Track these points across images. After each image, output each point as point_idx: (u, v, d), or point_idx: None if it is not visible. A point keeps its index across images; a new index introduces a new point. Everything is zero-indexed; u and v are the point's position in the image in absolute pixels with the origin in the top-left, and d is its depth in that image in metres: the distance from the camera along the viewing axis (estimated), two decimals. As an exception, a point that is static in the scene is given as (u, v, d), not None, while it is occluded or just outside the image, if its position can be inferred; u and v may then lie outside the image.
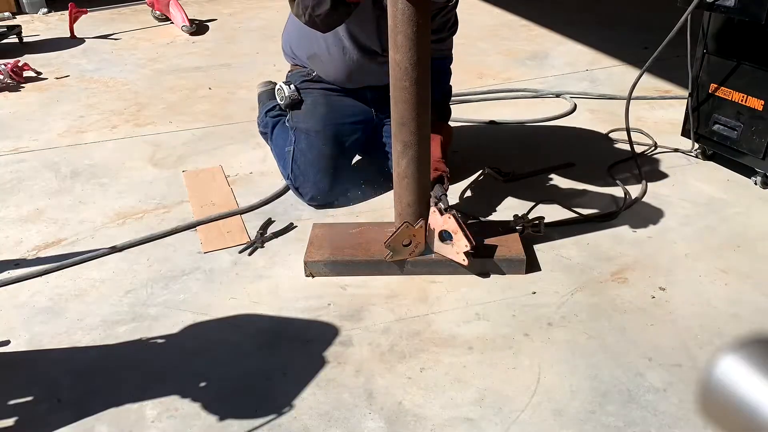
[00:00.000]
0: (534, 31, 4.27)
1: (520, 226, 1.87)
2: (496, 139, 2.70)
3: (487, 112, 2.95)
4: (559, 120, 2.85)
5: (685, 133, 2.44)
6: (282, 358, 1.52)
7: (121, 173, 2.45)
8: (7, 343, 1.59)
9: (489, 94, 3.15)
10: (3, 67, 3.38)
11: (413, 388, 1.42)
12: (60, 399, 1.42)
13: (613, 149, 2.55)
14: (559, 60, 3.67)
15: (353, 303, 1.70)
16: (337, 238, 1.87)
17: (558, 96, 3.09)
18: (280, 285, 1.78)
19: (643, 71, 2.22)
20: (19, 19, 4.72)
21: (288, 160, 2.18)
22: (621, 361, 1.48)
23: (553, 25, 4.29)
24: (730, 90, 2.20)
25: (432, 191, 1.80)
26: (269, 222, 2.08)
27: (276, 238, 2.00)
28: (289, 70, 2.36)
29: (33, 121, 2.98)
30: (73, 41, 4.25)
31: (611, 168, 2.37)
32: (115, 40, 4.33)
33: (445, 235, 1.74)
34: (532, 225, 1.87)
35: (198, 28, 4.45)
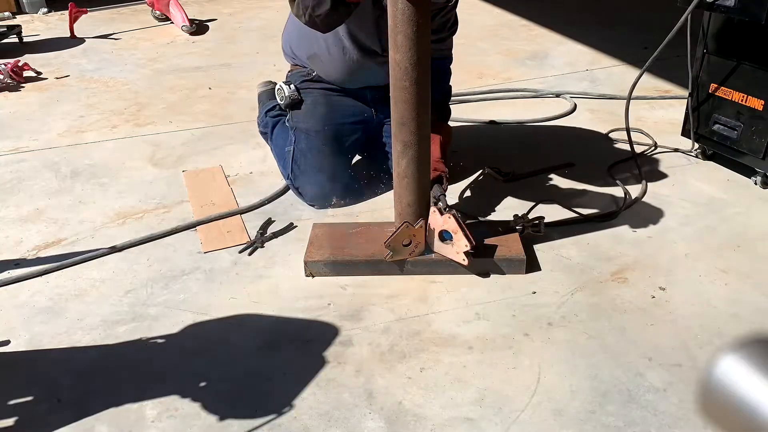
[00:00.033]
0: (534, 31, 4.27)
1: (520, 226, 1.87)
2: (496, 139, 2.70)
3: (487, 112, 2.95)
4: (559, 120, 2.85)
5: (685, 133, 2.44)
6: (282, 358, 1.52)
7: (121, 173, 2.45)
8: (7, 343, 1.59)
9: (489, 94, 3.15)
10: (3, 67, 3.38)
11: (413, 388, 1.42)
12: (60, 399, 1.42)
13: (613, 149, 2.55)
14: (559, 60, 3.67)
15: (353, 303, 1.70)
16: (337, 238, 1.87)
17: (558, 96, 3.09)
18: (280, 285, 1.78)
19: (643, 71, 2.22)
20: (19, 19, 4.72)
21: (288, 160, 2.18)
22: (621, 361, 1.48)
23: (553, 25, 4.29)
24: (730, 90, 2.20)
25: (431, 191, 1.80)
26: (269, 222, 2.08)
27: (276, 238, 2.00)
28: (289, 70, 2.36)
29: (33, 121, 2.98)
30: (73, 41, 4.25)
31: (611, 168, 2.37)
32: (115, 40, 4.33)
33: (445, 235, 1.74)
34: (532, 225, 1.87)
35: (198, 28, 4.45)
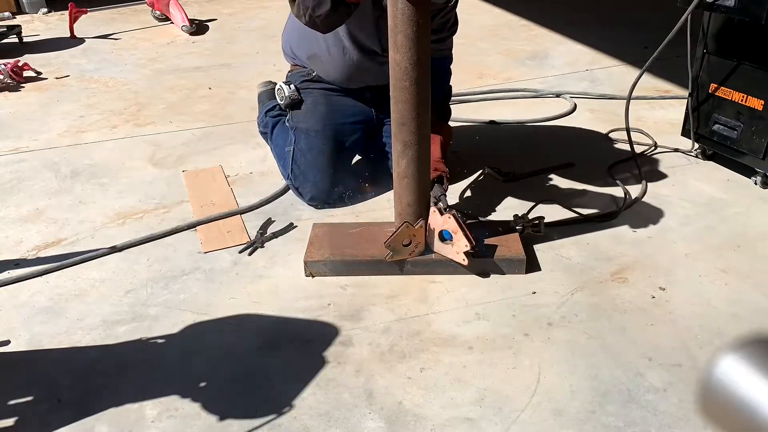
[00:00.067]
0: (534, 31, 4.27)
1: (520, 226, 1.87)
2: (496, 139, 2.70)
3: (487, 112, 2.95)
4: (559, 120, 2.85)
5: (685, 133, 2.44)
6: (282, 358, 1.52)
7: (121, 173, 2.45)
8: (7, 343, 1.59)
9: (489, 94, 3.15)
10: (3, 67, 3.38)
11: (413, 388, 1.42)
12: (60, 399, 1.42)
13: (613, 149, 2.55)
14: (559, 60, 3.67)
15: (353, 303, 1.70)
16: (337, 238, 1.87)
17: (558, 96, 3.09)
18: (280, 285, 1.78)
19: (643, 71, 2.22)
20: (19, 19, 4.72)
21: (288, 160, 2.18)
22: (621, 361, 1.48)
23: (553, 25, 4.29)
24: (730, 90, 2.20)
25: (431, 191, 1.80)
26: (269, 222, 2.08)
27: (276, 238, 2.00)
28: (289, 70, 2.36)
29: (33, 121, 2.98)
30: (73, 41, 4.25)
31: (611, 168, 2.37)
32: (115, 40, 4.33)
33: (445, 235, 1.74)
34: (532, 225, 1.87)
35: (198, 28, 4.45)
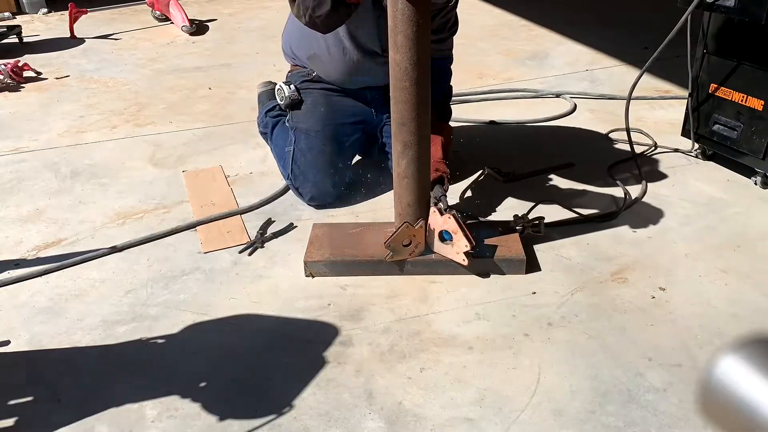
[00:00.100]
0: (534, 31, 4.27)
1: (520, 226, 1.87)
2: (496, 139, 2.69)
3: (487, 112, 2.95)
4: (559, 120, 2.85)
5: (685, 133, 2.44)
6: (282, 358, 1.52)
7: (121, 173, 2.45)
8: (7, 343, 1.59)
9: (489, 94, 3.15)
10: (3, 67, 3.38)
11: (413, 388, 1.42)
12: (60, 399, 1.42)
13: (613, 149, 2.55)
14: (559, 60, 3.67)
15: (353, 303, 1.70)
16: (337, 238, 1.87)
17: (558, 96, 3.09)
18: (280, 285, 1.78)
19: (643, 71, 2.22)
20: (19, 19, 4.72)
21: (288, 160, 2.18)
22: (621, 361, 1.48)
23: (553, 25, 4.29)
24: (730, 90, 2.20)
25: (432, 192, 1.80)
26: (269, 222, 2.08)
27: (276, 238, 2.00)
28: (289, 70, 2.36)
29: (33, 121, 2.98)
30: (73, 41, 4.25)
31: (611, 168, 2.37)
32: (115, 40, 4.33)
33: (445, 235, 1.74)
34: (532, 225, 1.87)
35: (198, 28, 4.45)
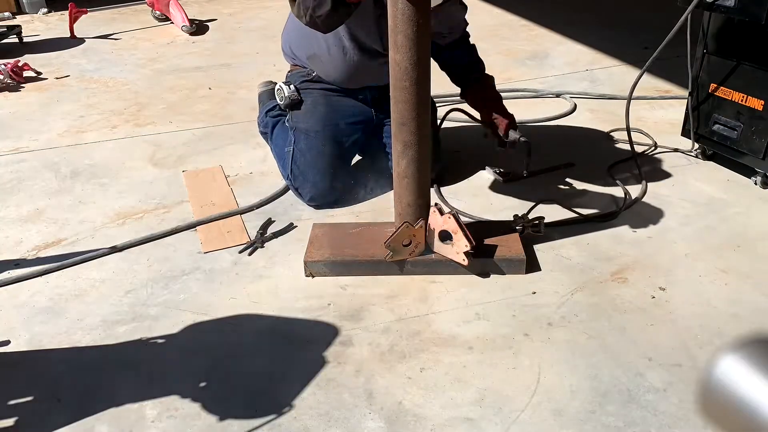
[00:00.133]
0: (534, 31, 4.27)
1: (520, 226, 1.87)
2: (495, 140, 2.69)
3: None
4: (559, 120, 2.85)
5: (685, 133, 2.44)
6: (282, 358, 1.52)
7: (121, 173, 2.45)
8: (7, 343, 1.59)
9: (489, 94, 3.15)
10: (3, 67, 3.38)
11: (413, 388, 1.42)
12: (60, 399, 1.42)
13: (613, 149, 2.55)
14: (559, 60, 3.67)
15: (353, 303, 1.70)
16: (337, 238, 1.87)
17: (558, 96, 3.09)
18: (280, 285, 1.78)
19: (643, 71, 2.22)
20: (19, 19, 4.72)
21: (288, 161, 2.18)
22: (621, 361, 1.48)
23: (553, 25, 4.29)
24: (730, 90, 2.20)
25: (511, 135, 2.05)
26: (269, 222, 2.08)
27: (276, 238, 2.00)
28: (289, 70, 2.36)
29: (33, 121, 2.98)
30: (73, 41, 4.25)
31: (611, 168, 2.37)
32: (115, 40, 4.33)
33: (445, 235, 1.74)
34: (532, 225, 1.87)
35: (198, 28, 4.45)
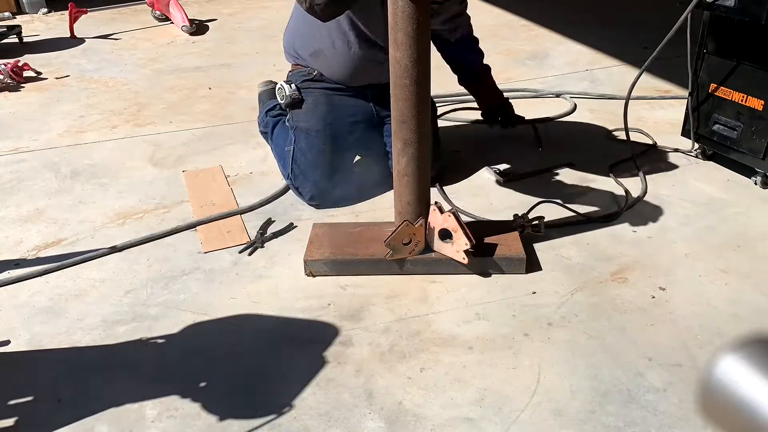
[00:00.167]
0: (534, 31, 4.27)
1: (520, 226, 1.87)
2: (496, 139, 2.69)
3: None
4: (559, 120, 2.85)
5: (685, 133, 2.44)
6: (282, 358, 1.52)
7: (121, 173, 2.45)
8: (7, 343, 1.59)
9: (489, 94, 3.14)
10: (3, 67, 3.38)
11: (413, 388, 1.42)
12: (60, 399, 1.42)
13: (613, 149, 2.55)
14: (559, 60, 3.67)
15: (353, 303, 1.70)
16: (337, 238, 1.87)
17: (558, 96, 3.09)
18: (280, 285, 1.78)
19: (642, 71, 2.22)
20: (19, 19, 4.72)
21: (288, 160, 2.18)
22: (621, 361, 1.48)
23: (553, 25, 4.29)
24: (730, 90, 2.20)
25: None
26: (269, 222, 2.08)
27: (276, 238, 2.00)
28: (290, 69, 2.36)
29: (33, 121, 2.98)
30: (73, 41, 4.24)
31: (611, 168, 2.37)
32: (115, 40, 4.33)
33: (445, 234, 1.74)
34: (532, 225, 1.87)
35: (198, 28, 4.45)
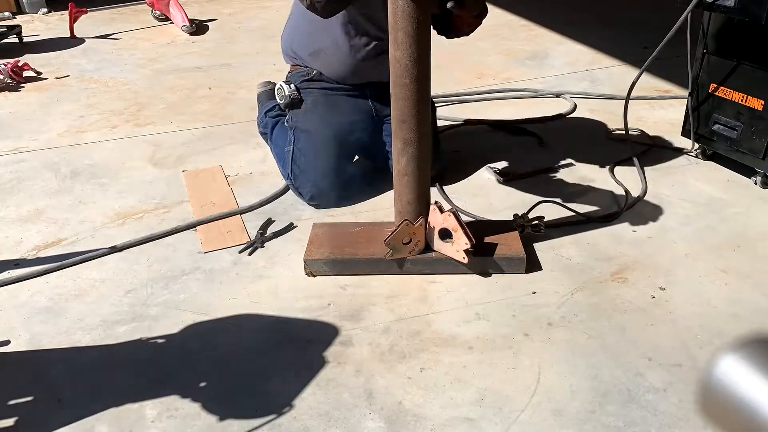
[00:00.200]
0: (534, 31, 4.27)
1: (520, 226, 1.87)
2: (496, 139, 2.69)
3: (487, 112, 2.95)
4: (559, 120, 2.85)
5: (685, 133, 2.44)
6: (282, 358, 1.52)
7: (121, 173, 2.45)
8: (7, 343, 1.59)
9: (489, 94, 3.15)
10: (3, 67, 3.38)
11: (413, 388, 1.42)
12: (60, 399, 1.42)
13: (613, 149, 2.54)
14: (559, 60, 3.67)
15: (353, 303, 1.70)
16: (337, 237, 1.87)
17: (558, 96, 3.09)
18: (280, 285, 1.78)
19: (642, 71, 2.22)
20: (19, 19, 4.72)
21: (288, 160, 2.18)
22: (621, 361, 1.48)
23: (553, 25, 4.29)
24: (730, 90, 2.20)
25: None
26: (269, 222, 2.08)
27: (276, 238, 2.00)
28: (289, 70, 2.36)
29: (33, 121, 2.98)
30: (73, 41, 4.24)
31: (611, 168, 2.37)
32: (115, 40, 4.33)
33: (445, 234, 1.74)
34: (532, 225, 1.87)
35: (198, 28, 4.45)
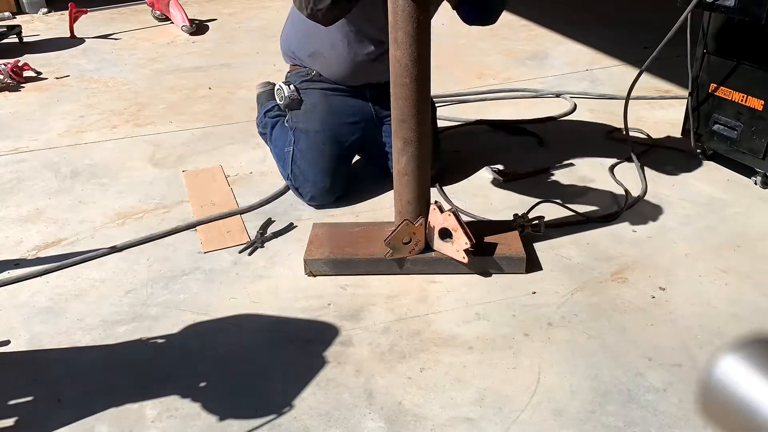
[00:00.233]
0: (534, 31, 4.27)
1: (520, 226, 1.87)
2: (496, 139, 2.69)
3: (487, 112, 2.95)
4: (559, 120, 2.85)
5: (685, 133, 2.44)
6: (282, 358, 1.52)
7: (121, 173, 2.45)
8: (7, 343, 1.59)
9: (489, 94, 3.15)
10: (3, 67, 3.38)
11: (413, 388, 1.42)
12: (60, 399, 1.42)
13: (613, 149, 2.54)
14: (559, 60, 3.67)
15: (353, 303, 1.70)
16: (337, 237, 1.87)
17: (558, 96, 3.09)
18: (280, 285, 1.78)
19: (642, 71, 2.22)
20: (19, 19, 4.72)
21: (288, 161, 2.18)
22: (621, 361, 1.48)
23: (553, 25, 4.29)
24: (730, 90, 2.20)
25: None
26: (269, 222, 2.08)
27: (276, 238, 2.00)
28: (289, 70, 2.36)
29: (33, 121, 2.98)
30: (73, 41, 4.24)
31: (611, 168, 2.37)
32: (115, 40, 4.33)
33: (445, 233, 1.74)
34: (532, 225, 1.87)
35: (198, 28, 4.45)
